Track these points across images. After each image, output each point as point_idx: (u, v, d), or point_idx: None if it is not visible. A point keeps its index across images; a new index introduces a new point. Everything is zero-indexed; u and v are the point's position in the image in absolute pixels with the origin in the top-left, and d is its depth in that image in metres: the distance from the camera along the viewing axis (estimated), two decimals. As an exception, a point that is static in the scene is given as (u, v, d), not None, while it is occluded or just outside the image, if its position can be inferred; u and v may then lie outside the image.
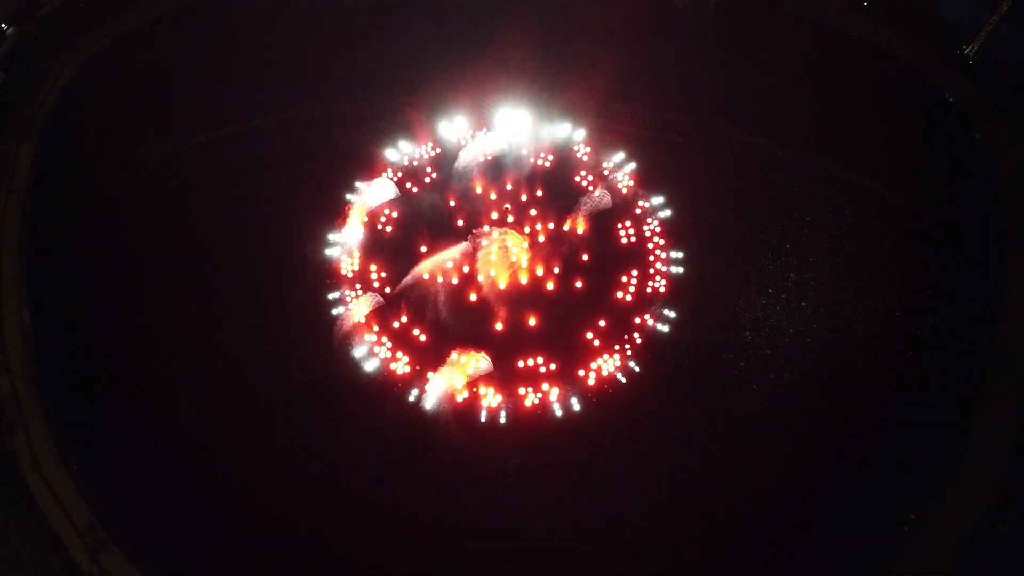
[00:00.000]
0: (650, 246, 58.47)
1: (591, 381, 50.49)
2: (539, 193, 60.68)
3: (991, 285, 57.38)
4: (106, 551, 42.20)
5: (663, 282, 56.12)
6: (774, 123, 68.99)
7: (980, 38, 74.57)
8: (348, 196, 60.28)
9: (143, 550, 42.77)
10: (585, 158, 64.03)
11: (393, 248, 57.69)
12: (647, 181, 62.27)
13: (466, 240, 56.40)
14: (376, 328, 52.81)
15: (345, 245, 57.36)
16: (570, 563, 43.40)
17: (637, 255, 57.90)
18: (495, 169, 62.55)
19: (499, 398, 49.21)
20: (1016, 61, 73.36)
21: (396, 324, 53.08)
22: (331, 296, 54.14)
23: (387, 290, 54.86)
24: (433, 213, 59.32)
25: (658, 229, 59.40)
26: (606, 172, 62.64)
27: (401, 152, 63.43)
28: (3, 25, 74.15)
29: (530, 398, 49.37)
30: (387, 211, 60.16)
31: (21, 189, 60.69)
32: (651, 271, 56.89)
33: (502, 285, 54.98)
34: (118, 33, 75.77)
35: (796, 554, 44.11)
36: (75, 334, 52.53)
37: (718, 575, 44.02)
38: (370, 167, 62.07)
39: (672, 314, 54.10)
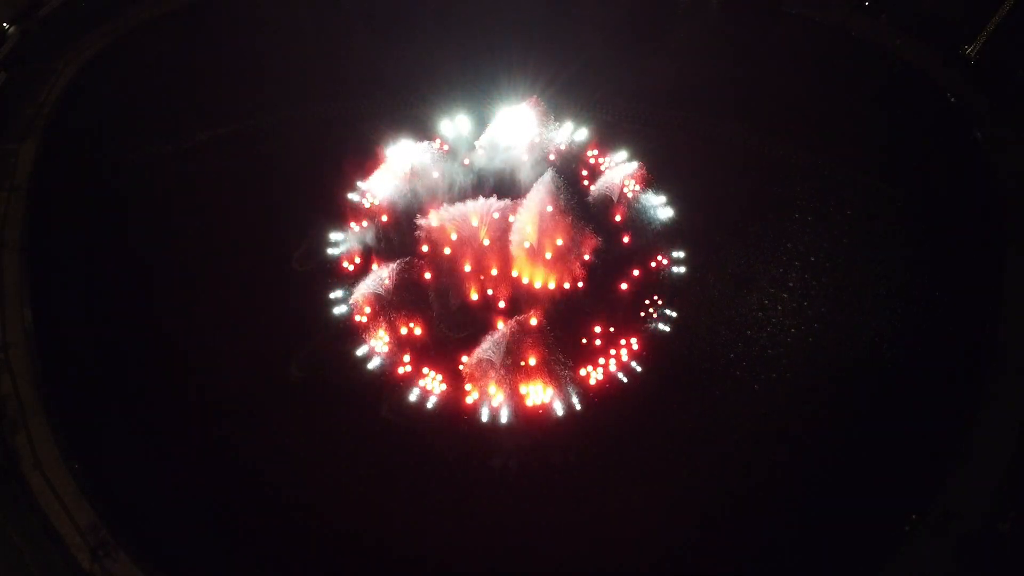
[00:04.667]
0: (652, 246, 58.59)
1: (593, 380, 50.54)
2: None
3: (991, 284, 57.40)
4: (107, 550, 42.21)
5: (665, 282, 56.14)
6: (775, 122, 69.08)
7: (981, 38, 74.56)
8: (350, 195, 60.44)
9: (144, 549, 42.77)
10: (591, 159, 64.15)
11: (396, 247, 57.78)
12: (649, 180, 62.31)
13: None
14: (377, 325, 52.83)
15: (349, 243, 57.53)
16: (571, 560, 43.44)
17: (639, 255, 57.95)
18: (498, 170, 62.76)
19: (501, 397, 49.25)
20: (1017, 61, 73.35)
21: (398, 322, 53.17)
22: (331, 295, 54.16)
23: (386, 282, 54.89)
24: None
25: (660, 229, 59.45)
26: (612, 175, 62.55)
27: (404, 150, 63.46)
28: (4, 24, 74.18)
29: (532, 397, 49.42)
30: (385, 210, 60.29)
31: (22, 188, 60.74)
32: (653, 271, 56.95)
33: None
34: (118, 33, 75.81)
35: (796, 553, 44.10)
36: (77, 333, 52.60)
37: (719, 573, 44.16)
38: (372, 166, 62.14)
39: (674, 314, 54.17)
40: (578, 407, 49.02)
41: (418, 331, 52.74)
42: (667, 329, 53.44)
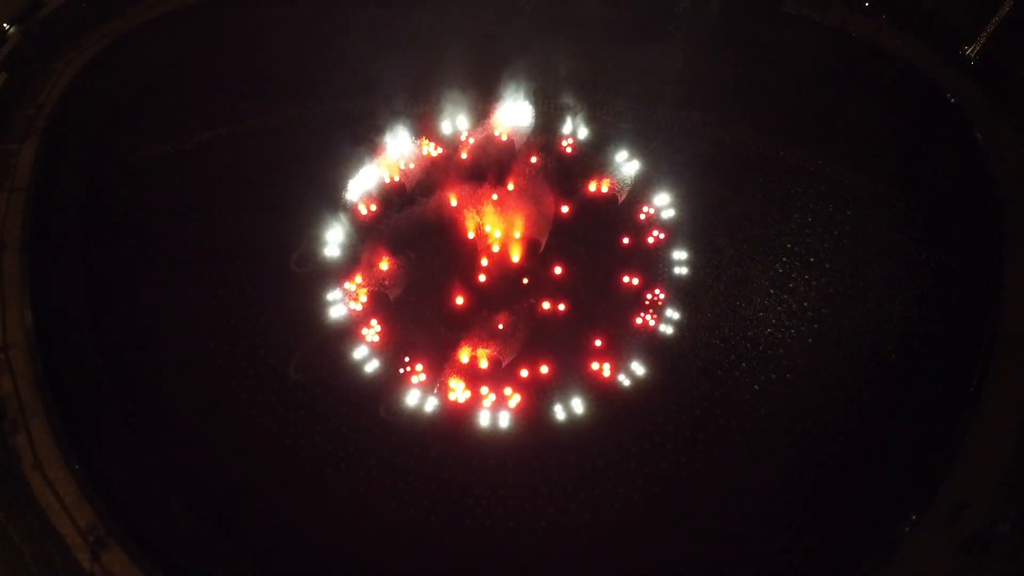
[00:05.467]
0: (652, 245, 58.60)
1: (593, 383, 50.47)
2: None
3: (991, 285, 57.31)
4: (108, 550, 42.19)
5: (665, 283, 56.13)
6: (775, 123, 69.01)
7: (981, 38, 74.49)
8: (348, 195, 60.42)
9: (145, 550, 42.64)
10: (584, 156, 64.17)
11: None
12: (649, 180, 62.31)
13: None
14: (374, 324, 52.84)
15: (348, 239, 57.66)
16: (570, 564, 43.45)
17: (639, 255, 57.91)
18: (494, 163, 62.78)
19: (499, 401, 49.17)
20: (1018, 62, 73.22)
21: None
22: (329, 296, 54.08)
23: (386, 282, 54.89)
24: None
25: (660, 229, 59.46)
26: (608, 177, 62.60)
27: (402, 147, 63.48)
28: (5, 25, 74.11)
29: (531, 401, 49.32)
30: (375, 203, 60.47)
31: (22, 188, 60.67)
32: (653, 272, 56.89)
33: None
34: (119, 33, 75.67)
35: (796, 553, 44.14)
36: (77, 334, 52.56)
37: (718, 573, 44.11)
38: (370, 165, 62.11)
39: (675, 315, 54.17)
40: (578, 411, 49.01)
41: (417, 330, 52.72)
42: (668, 331, 53.44)
